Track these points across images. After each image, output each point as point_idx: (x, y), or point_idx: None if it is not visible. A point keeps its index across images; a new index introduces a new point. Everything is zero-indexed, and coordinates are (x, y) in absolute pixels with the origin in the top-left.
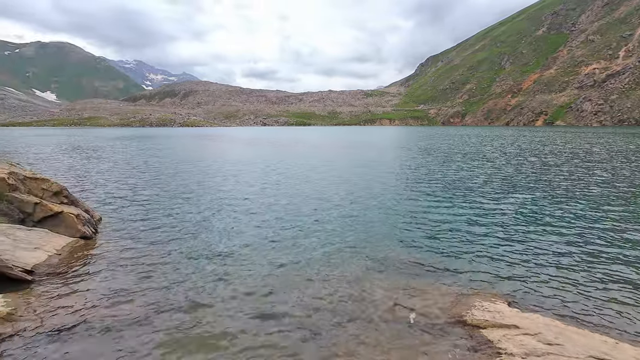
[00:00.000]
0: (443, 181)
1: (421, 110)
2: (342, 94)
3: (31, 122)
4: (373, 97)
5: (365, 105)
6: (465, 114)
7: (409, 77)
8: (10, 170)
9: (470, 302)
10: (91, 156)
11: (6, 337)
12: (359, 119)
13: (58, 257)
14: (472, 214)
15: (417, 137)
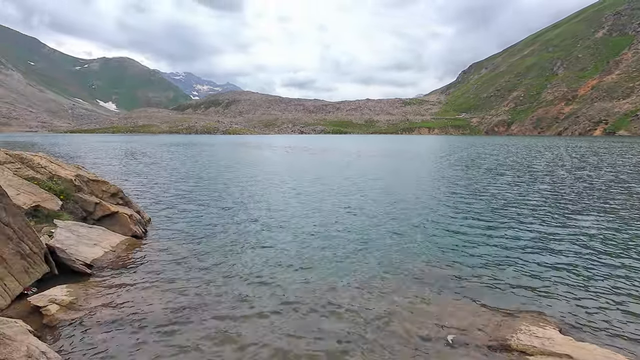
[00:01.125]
0: (488, 194)
1: (463, 119)
2: (380, 103)
3: (94, 129)
4: (411, 106)
5: (403, 113)
6: (511, 123)
7: (449, 84)
8: (76, 173)
9: (515, 325)
10: (142, 161)
11: (68, 324)
12: (397, 127)
13: (113, 254)
14: (520, 231)
15: (459, 146)
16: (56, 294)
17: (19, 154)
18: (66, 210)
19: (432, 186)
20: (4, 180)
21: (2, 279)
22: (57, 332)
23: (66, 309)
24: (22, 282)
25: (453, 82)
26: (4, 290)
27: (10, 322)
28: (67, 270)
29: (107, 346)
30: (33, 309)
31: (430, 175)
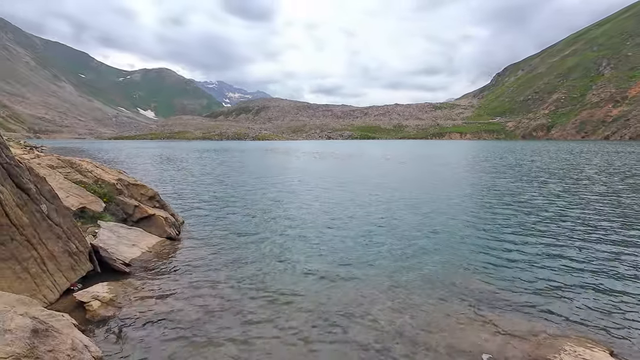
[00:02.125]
0: (531, 205)
1: (497, 123)
2: (409, 107)
3: (135, 136)
4: (442, 110)
5: (433, 118)
6: (551, 127)
7: (483, 88)
8: (118, 177)
9: (558, 345)
10: (177, 166)
11: (108, 319)
12: (426, 132)
13: (149, 254)
14: (566, 247)
15: (495, 152)
16: (98, 290)
17: (69, 159)
18: (108, 212)
19: (469, 194)
20: (55, 183)
21: (53, 274)
22: (98, 327)
23: (107, 305)
24: (69, 279)
25: (487, 85)
26: (53, 285)
27: (58, 316)
28: (108, 268)
29: (142, 343)
30: (78, 304)
31: (467, 182)
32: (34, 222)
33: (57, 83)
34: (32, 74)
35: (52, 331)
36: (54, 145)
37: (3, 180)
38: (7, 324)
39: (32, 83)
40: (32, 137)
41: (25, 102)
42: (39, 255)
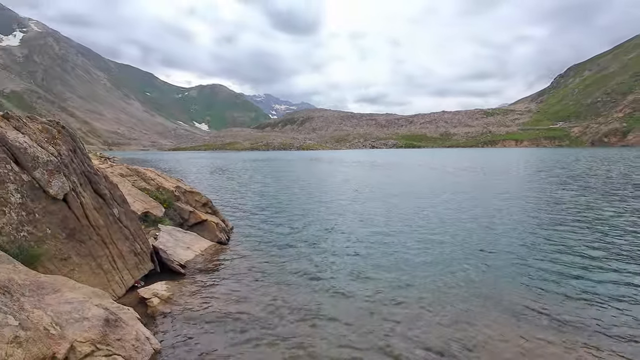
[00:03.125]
0: (602, 220)
1: (560, 128)
2: (457, 114)
3: (191, 147)
4: (494, 116)
5: (484, 125)
6: (627, 132)
7: (541, 91)
8: (176, 185)
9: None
10: (227, 174)
11: (166, 315)
12: (477, 140)
13: (202, 257)
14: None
15: (560, 160)
16: (158, 288)
17: (135, 168)
18: (167, 217)
19: (530, 206)
20: (125, 190)
21: (121, 271)
22: (157, 321)
23: (165, 302)
24: (134, 276)
25: (546, 88)
26: (121, 281)
27: (124, 309)
28: (165, 268)
29: (195, 339)
30: (140, 300)
31: (529, 193)
32: (107, 223)
33: (127, 101)
34: (107, 94)
35: (120, 322)
36: (124, 156)
37: (85, 186)
38: (85, 313)
39: (107, 102)
40: (106, 149)
41: (102, 119)
42: (110, 253)
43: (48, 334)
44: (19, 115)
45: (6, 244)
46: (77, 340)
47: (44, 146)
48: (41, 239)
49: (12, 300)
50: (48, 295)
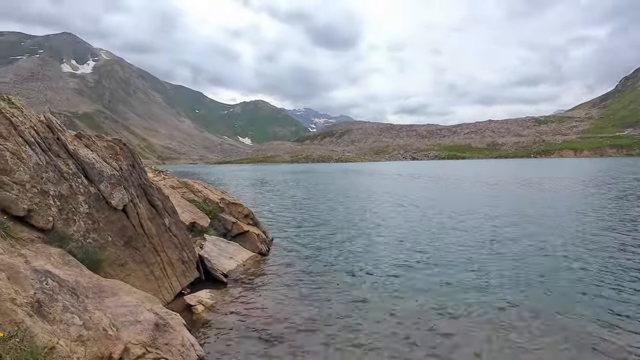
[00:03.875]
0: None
1: (628, 136)
2: (505, 123)
3: (235, 160)
4: (548, 124)
5: (537, 134)
6: None
7: (604, 95)
8: (221, 196)
9: None
10: (268, 186)
11: (210, 323)
12: (528, 150)
13: (243, 267)
14: None
15: (633, 171)
16: (202, 296)
17: (185, 181)
18: (212, 227)
19: (606, 224)
20: (175, 201)
21: (170, 278)
22: (201, 328)
23: (208, 310)
24: (181, 283)
25: (610, 91)
26: (170, 287)
27: (172, 314)
28: (209, 277)
29: (237, 348)
30: (186, 306)
31: (601, 211)
32: (159, 232)
33: (179, 118)
34: (162, 113)
35: (168, 327)
36: (175, 169)
37: (141, 198)
38: (138, 316)
39: (162, 120)
40: (160, 163)
41: (157, 135)
42: (161, 261)
43: (106, 335)
44: (89, 134)
45: (75, 249)
46: (130, 342)
47: (108, 161)
48: (103, 245)
49: (77, 301)
50: (107, 298)
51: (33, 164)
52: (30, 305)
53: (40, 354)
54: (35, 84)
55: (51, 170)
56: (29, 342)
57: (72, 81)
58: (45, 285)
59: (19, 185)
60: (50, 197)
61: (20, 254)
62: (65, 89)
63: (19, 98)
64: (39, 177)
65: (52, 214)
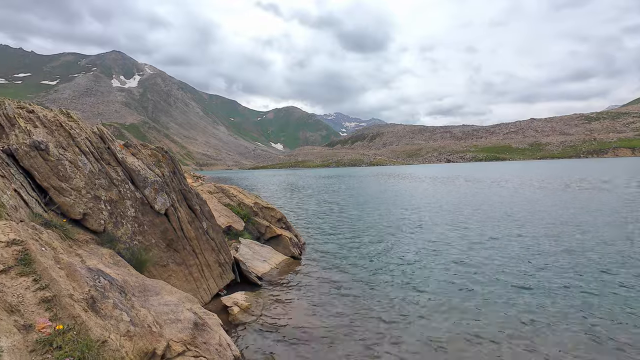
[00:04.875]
0: None
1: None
2: (550, 122)
3: (268, 165)
4: (601, 121)
5: (587, 132)
6: None
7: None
8: (255, 201)
9: None
10: (299, 191)
11: (245, 324)
12: (577, 150)
13: (277, 270)
14: None
15: None
16: (238, 298)
17: (221, 186)
18: (247, 231)
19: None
20: (212, 205)
21: (207, 280)
22: (236, 329)
23: (244, 311)
24: (218, 285)
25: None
26: (207, 288)
27: (210, 314)
28: (244, 279)
29: (271, 349)
30: (223, 307)
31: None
32: (198, 235)
33: (216, 126)
34: (200, 121)
35: (206, 327)
36: (212, 175)
37: (181, 202)
38: (179, 315)
39: (200, 128)
40: (198, 169)
41: (195, 143)
42: (200, 262)
43: (150, 331)
44: (135, 143)
45: (122, 250)
46: (172, 340)
47: (152, 168)
48: (147, 247)
49: (126, 298)
50: (151, 296)
51: (88, 172)
52: (85, 301)
53: (94, 346)
54: (89, 99)
55: (103, 177)
56: (84, 335)
57: (120, 95)
58: (98, 283)
59: (75, 191)
60: (102, 202)
61: (77, 253)
62: (115, 102)
63: (76, 112)
64: (92, 183)
65: (103, 217)
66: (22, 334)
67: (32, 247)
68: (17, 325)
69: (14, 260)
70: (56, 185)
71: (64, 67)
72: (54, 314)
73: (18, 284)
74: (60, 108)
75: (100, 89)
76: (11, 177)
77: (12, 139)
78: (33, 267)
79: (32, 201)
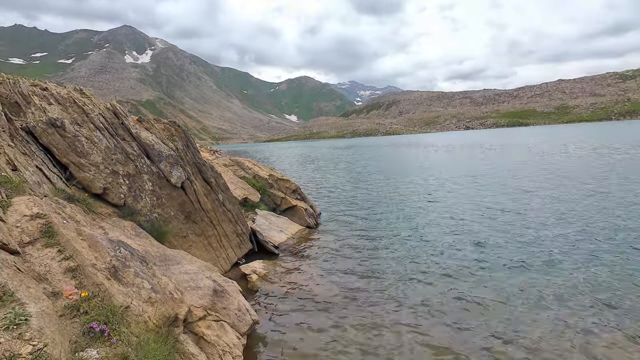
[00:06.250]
0: None
1: None
2: (580, 82)
3: (282, 137)
4: (637, 79)
5: (620, 92)
6: None
7: None
8: (270, 173)
9: None
10: (314, 163)
11: (262, 291)
12: (608, 112)
13: (293, 240)
14: None
15: None
16: (256, 266)
17: (236, 159)
18: (262, 202)
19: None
20: (227, 178)
21: (226, 249)
22: (255, 295)
23: (262, 279)
24: (236, 254)
25: None
26: (226, 257)
27: (229, 282)
28: (261, 249)
29: (288, 315)
30: (241, 275)
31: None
32: (214, 207)
33: (230, 100)
34: (214, 95)
35: (225, 293)
36: (227, 149)
37: (196, 175)
38: (199, 283)
39: (214, 102)
40: (214, 143)
41: (210, 117)
42: (218, 233)
43: (172, 298)
44: (148, 118)
45: (143, 223)
46: (193, 305)
47: (165, 142)
48: (167, 219)
49: (147, 267)
50: (172, 266)
51: (104, 147)
52: (107, 270)
53: (117, 311)
54: (105, 76)
55: (119, 152)
56: (108, 301)
57: (134, 71)
58: (119, 253)
59: (94, 166)
60: (120, 177)
61: (100, 226)
62: (129, 79)
63: (91, 89)
64: (109, 158)
65: (123, 191)
66: (51, 300)
67: (55, 220)
68: (46, 292)
69: (39, 233)
70: (75, 161)
71: (78, 45)
72: (79, 282)
73: (44, 255)
74: (74, 86)
75: (114, 66)
76: (32, 154)
77: (29, 116)
78: (57, 239)
79: (54, 177)
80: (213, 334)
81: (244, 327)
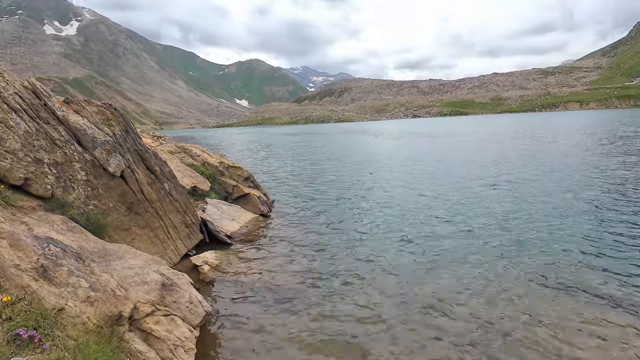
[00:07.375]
0: None
1: (636, 86)
2: (511, 76)
3: (233, 123)
4: (555, 76)
5: (542, 86)
6: None
7: (615, 43)
8: (220, 160)
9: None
10: (267, 150)
11: (216, 281)
12: (532, 104)
13: (246, 228)
14: None
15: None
16: (208, 257)
17: (182, 145)
18: (213, 191)
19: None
20: (173, 166)
21: (175, 241)
22: (208, 286)
23: (214, 270)
24: (186, 245)
25: (623, 38)
26: (175, 249)
27: (179, 275)
28: (213, 239)
29: (242, 303)
30: (192, 267)
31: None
32: (160, 197)
33: (174, 81)
34: (156, 76)
35: (175, 286)
36: (172, 135)
37: (138, 164)
38: (145, 277)
39: (156, 83)
40: (157, 129)
41: (152, 100)
42: (164, 224)
43: (115, 295)
44: (77, 100)
45: (77, 216)
46: (139, 301)
47: (100, 127)
48: (105, 211)
49: (83, 265)
50: (114, 261)
51: (22, 132)
52: (34, 270)
53: (49, 315)
54: (19, 49)
55: (42, 138)
56: (37, 304)
57: (57, 44)
58: (48, 251)
59: (11, 154)
60: (45, 165)
61: (22, 221)
62: (51, 53)
63: (1, 63)
64: (30, 145)
65: (49, 182)
66: None
67: None
68: None
69: None
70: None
71: None
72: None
73: None
74: None
75: (30, 37)
76: None
77: None
78: None
79: None
80: (163, 329)
81: (196, 319)
